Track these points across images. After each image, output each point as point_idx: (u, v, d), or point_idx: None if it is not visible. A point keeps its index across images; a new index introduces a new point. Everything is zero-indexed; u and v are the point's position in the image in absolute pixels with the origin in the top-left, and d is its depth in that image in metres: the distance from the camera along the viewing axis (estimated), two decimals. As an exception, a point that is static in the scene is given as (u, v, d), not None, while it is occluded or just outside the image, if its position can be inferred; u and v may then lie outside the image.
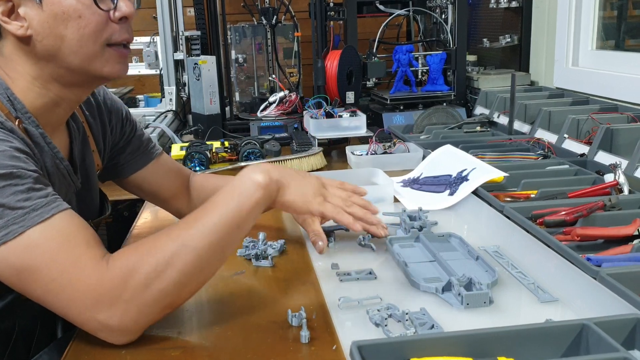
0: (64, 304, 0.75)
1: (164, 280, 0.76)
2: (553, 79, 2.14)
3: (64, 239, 0.75)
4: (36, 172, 0.78)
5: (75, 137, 1.00)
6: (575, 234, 0.98)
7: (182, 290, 0.79)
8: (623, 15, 2.05)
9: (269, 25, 2.32)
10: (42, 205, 0.75)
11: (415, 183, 1.41)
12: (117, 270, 0.74)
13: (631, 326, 0.70)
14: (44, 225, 0.74)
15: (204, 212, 0.82)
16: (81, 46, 0.85)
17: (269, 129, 2.00)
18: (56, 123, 0.94)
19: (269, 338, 0.79)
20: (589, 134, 1.56)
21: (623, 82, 1.78)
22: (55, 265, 0.73)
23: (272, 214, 1.31)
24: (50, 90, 0.89)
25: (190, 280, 0.79)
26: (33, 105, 0.88)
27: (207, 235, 0.79)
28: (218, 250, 0.81)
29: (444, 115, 1.95)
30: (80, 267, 0.74)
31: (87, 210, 1.04)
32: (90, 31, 0.85)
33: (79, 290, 0.74)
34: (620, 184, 1.18)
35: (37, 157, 0.85)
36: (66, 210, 0.77)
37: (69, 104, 0.93)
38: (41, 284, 0.74)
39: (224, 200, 0.83)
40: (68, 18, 0.83)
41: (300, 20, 2.38)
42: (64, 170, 0.93)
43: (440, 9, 2.29)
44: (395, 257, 1.00)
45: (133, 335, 0.77)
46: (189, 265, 0.77)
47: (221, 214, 0.81)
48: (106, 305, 0.74)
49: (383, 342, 0.68)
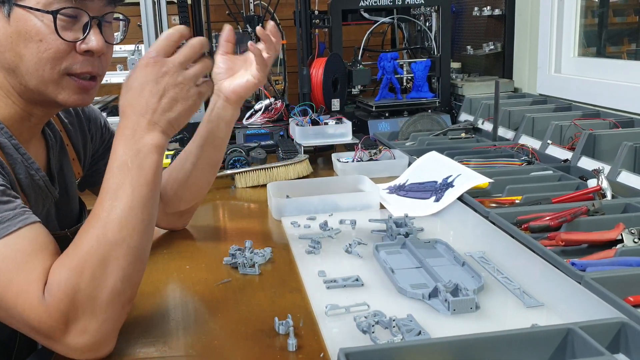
0: (27, 331, 0.73)
1: (109, 283, 0.73)
2: (536, 86, 2.17)
3: (24, 259, 0.72)
4: (3, 185, 0.76)
5: (52, 147, 0.98)
6: (559, 239, 0.99)
7: (131, 282, 0.76)
8: (604, 22, 2.08)
9: (254, 33, 2.32)
10: (9, 219, 0.73)
11: (401, 190, 1.41)
12: (57, 294, 0.71)
13: (616, 330, 0.71)
14: (9, 239, 0.72)
15: (113, 198, 0.75)
16: (37, 69, 0.83)
17: (255, 136, 1.99)
18: (29, 134, 0.92)
19: (256, 346, 0.78)
20: (572, 140, 1.57)
21: (605, 88, 1.81)
22: (12, 289, 0.71)
23: (259, 221, 1.31)
24: (16, 103, 0.87)
25: (135, 269, 0.76)
26: (3, 115, 0.86)
27: (128, 219, 0.74)
28: (145, 226, 0.76)
29: (429, 122, 1.96)
30: (30, 295, 0.71)
31: (66, 219, 1.03)
32: (48, 57, 0.82)
33: (34, 320, 0.71)
34: (603, 189, 1.19)
35: (7, 171, 0.82)
36: (33, 223, 0.75)
37: (39, 119, 0.92)
38: (3, 308, 0.72)
39: (123, 178, 0.76)
40: (29, 39, 0.81)
41: (285, 28, 2.39)
42: (40, 181, 0.91)
43: (424, 17, 2.30)
44: (382, 263, 1.00)
45: (107, 344, 0.75)
46: (127, 257, 0.74)
47: (132, 191, 0.75)
48: (64, 331, 0.71)
49: (370, 349, 0.68)
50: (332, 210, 1.29)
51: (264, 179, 1.56)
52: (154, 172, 0.78)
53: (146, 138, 0.78)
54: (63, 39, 0.82)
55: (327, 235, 1.15)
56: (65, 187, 1.02)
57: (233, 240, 1.13)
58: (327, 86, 2.05)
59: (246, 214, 1.41)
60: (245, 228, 1.29)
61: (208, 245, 1.19)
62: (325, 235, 1.15)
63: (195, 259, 1.10)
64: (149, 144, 0.78)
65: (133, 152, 0.77)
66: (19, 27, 0.81)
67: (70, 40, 0.83)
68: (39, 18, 0.81)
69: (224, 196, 1.52)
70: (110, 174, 0.77)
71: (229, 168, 1.62)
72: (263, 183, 1.53)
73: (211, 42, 2.20)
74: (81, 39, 0.84)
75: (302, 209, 1.29)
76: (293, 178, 1.58)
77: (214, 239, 1.23)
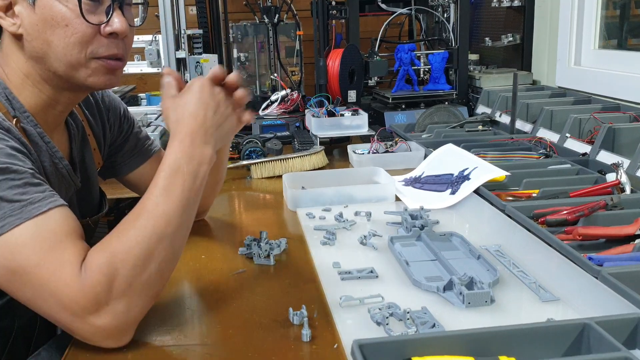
0: (53, 310, 0.74)
1: (146, 274, 0.76)
2: (555, 78, 2.14)
3: (57, 239, 0.74)
4: (32, 169, 0.78)
5: (74, 137, 1.00)
6: (576, 233, 0.98)
7: (163, 277, 0.80)
8: (625, 14, 2.05)
9: (271, 23, 2.32)
10: (39, 200, 0.75)
11: (416, 182, 1.41)
12: (96, 276, 0.73)
13: (633, 325, 0.70)
14: (40, 219, 0.74)
15: (164, 196, 0.80)
16: (65, 54, 0.85)
17: (271, 127, 2.00)
18: (54, 123, 0.94)
19: (270, 336, 0.79)
20: (590, 133, 1.55)
21: (625, 81, 1.78)
22: (45, 266, 0.73)
23: (274, 212, 1.32)
24: (42, 91, 0.89)
25: (169, 265, 0.80)
26: (29, 104, 0.88)
27: (174, 218, 0.79)
28: (186, 228, 0.82)
29: (445, 114, 1.94)
30: (65, 273, 0.73)
31: (87, 208, 1.05)
32: (75, 41, 0.84)
33: (67, 297, 0.73)
34: (622, 183, 1.17)
35: (34, 157, 0.85)
36: (62, 206, 0.77)
37: (64, 106, 0.93)
38: (30, 286, 0.74)
39: (175, 179, 0.81)
40: (56, 25, 0.83)
41: (302, 19, 2.38)
42: (63, 169, 0.93)
43: (442, 8, 2.28)
44: (397, 255, 1.00)
45: (128, 333, 0.77)
46: (166, 253, 0.78)
47: (182, 193, 0.81)
48: (93, 311, 0.73)
49: (384, 340, 0.68)
50: (347, 201, 1.29)
51: (280, 169, 1.56)
52: (202, 180, 0.84)
53: (202, 148, 0.85)
54: (88, 22, 0.84)
55: (342, 227, 1.15)
56: (87, 176, 1.04)
57: (248, 231, 1.13)
58: (344, 77, 2.04)
59: (262, 205, 1.41)
60: (260, 219, 1.29)
61: (224, 236, 1.20)
62: (340, 226, 1.15)
63: (211, 249, 1.11)
64: (204, 154, 0.85)
65: (188, 157, 0.83)
66: (44, 14, 0.83)
67: (95, 23, 0.85)
68: (63, 3, 0.83)
69: (240, 187, 1.52)
70: (163, 173, 0.82)
71: (245, 159, 1.63)
72: (279, 174, 1.54)
73: (228, 33, 2.20)
74: (105, 22, 0.85)
75: (317, 200, 1.29)
76: (309, 169, 1.58)
77: (230, 230, 1.23)
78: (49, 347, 0.93)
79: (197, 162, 0.84)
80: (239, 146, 1.69)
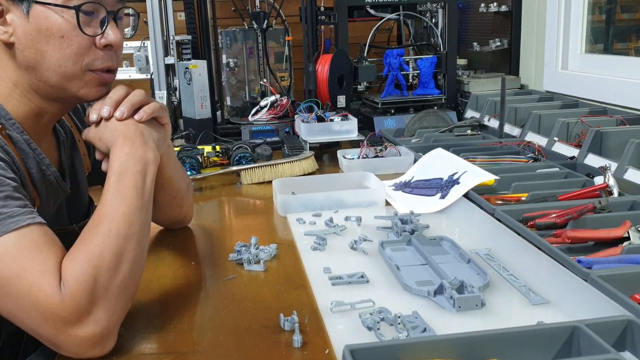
0: (34, 323, 0.73)
1: (120, 276, 0.77)
2: (543, 83, 2.16)
3: (37, 249, 0.74)
4: (15, 181, 0.78)
5: (63, 143, 1.00)
6: (565, 236, 0.99)
7: (135, 277, 0.81)
8: (611, 18, 2.07)
9: (259, 29, 2.32)
10: (19, 214, 0.74)
11: (406, 186, 1.41)
12: (73, 286, 0.73)
13: (622, 328, 0.71)
14: (19, 233, 0.73)
15: (119, 199, 0.81)
16: (60, 65, 0.84)
17: (261, 133, 1.99)
18: (41, 131, 0.93)
19: (261, 343, 0.79)
20: (578, 137, 1.57)
21: (612, 85, 1.80)
22: (26, 277, 0.72)
23: (264, 217, 1.31)
24: (31, 100, 0.88)
25: (139, 265, 0.82)
26: (16, 112, 0.87)
27: (134, 217, 0.81)
28: (146, 227, 0.84)
29: (434, 118, 1.95)
30: (45, 284, 0.72)
31: (75, 214, 1.04)
32: (70, 52, 0.84)
33: (48, 309, 0.72)
34: (610, 186, 1.18)
35: (18, 166, 0.84)
36: (41, 224, 0.77)
37: (52, 116, 0.93)
38: (12, 297, 0.73)
39: (127, 181, 0.83)
40: (51, 35, 0.83)
41: (291, 25, 2.39)
42: (51, 176, 0.93)
43: (430, 13, 2.30)
44: (387, 260, 1.00)
45: (111, 338, 0.76)
46: (135, 253, 0.80)
47: (136, 194, 0.83)
48: (74, 323, 0.72)
49: (375, 345, 0.68)
50: (337, 206, 1.29)
51: (270, 175, 1.56)
52: (151, 178, 0.86)
53: (144, 148, 0.87)
54: (85, 33, 0.84)
55: (332, 232, 1.15)
56: (77, 182, 1.04)
57: (239, 237, 1.13)
58: (333, 83, 2.04)
59: (252, 211, 1.41)
60: (250, 224, 1.29)
61: (214, 242, 1.19)
62: (330, 231, 1.15)
63: (200, 255, 1.10)
64: (147, 154, 0.87)
65: (133, 158, 0.85)
66: (39, 24, 0.82)
67: (90, 35, 0.84)
68: (60, 14, 0.82)
69: (230, 192, 1.52)
70: (113, 177, 0.83)
71: (235, 164, 1.62)
72: (269, 179, 1.54)
73: (217, 39, 2.20)
74: (100, 34, 0.85)
75: (307, 205, 1.29)
76: (298, 175, 1.58)
77: (220, 236, 1.23)
78: (36, 355, 0.92)
79: (143, 162, 0.85)
80: (228, 152, 1.69)
